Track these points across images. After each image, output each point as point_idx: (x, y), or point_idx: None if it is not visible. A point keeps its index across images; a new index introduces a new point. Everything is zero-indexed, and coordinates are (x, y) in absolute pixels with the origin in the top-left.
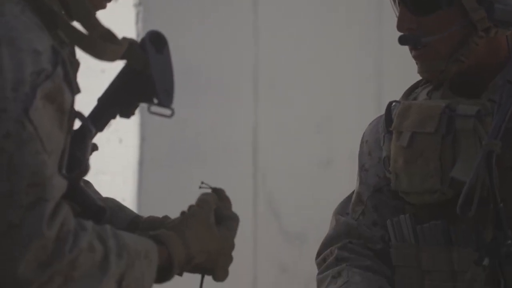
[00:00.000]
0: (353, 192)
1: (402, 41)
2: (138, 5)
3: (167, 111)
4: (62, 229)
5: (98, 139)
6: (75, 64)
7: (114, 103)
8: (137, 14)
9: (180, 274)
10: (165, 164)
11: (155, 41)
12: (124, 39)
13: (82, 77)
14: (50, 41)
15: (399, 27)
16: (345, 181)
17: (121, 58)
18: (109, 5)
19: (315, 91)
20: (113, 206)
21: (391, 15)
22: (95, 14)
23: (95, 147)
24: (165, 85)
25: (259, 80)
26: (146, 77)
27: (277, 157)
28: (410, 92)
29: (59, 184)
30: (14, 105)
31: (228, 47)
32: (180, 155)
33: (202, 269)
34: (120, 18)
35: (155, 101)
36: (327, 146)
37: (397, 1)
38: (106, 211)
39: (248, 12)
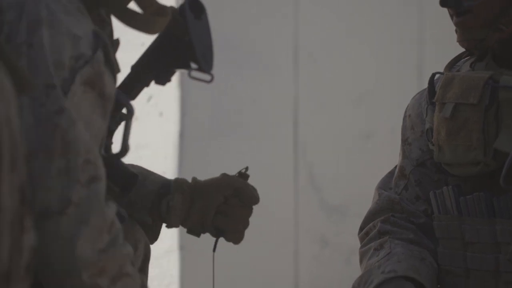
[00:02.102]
0: (395, 167)
1: (443, 3)
2: None
3: (207, 77)
4: (113, 225)
5: (138, 113)
6: (115, 44)
7: (149, 70)
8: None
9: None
10: (206, 137)
11: (193, 8)
12: (169, 8)
13: (122, 51)
14: (91, 25)
15: None
16: (385, 154)
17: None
18: None
19: (355, 63)
20: (141, 170)
21: None
22: None
23: (124, 116)
24: (205, 50)
25: (299, 51)
26: (184, 43)
27: (318, 129)
28: (453, 63)
29: (103, 168)
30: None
31: (268, 18)
32: (220, 128)
33: (216, 229)
34: None
35: (194, 66)
36: (368, 119)
37: None
38: (138, 177)
39: None
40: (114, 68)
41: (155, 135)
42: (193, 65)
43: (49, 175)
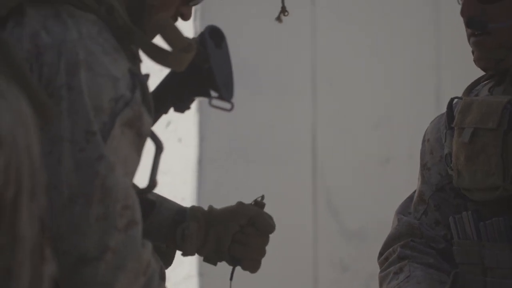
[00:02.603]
0: (414, 192)
1: (470, 24)
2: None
3: (227, 105)
4: (149, 266)
5: None
6: (146, 78)
7: (168, 97)
8: (195, 12)
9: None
10: (224, 163)
11: (214, 36)
12: (193, 40)
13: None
14: (127, 63)
15: (463, 12)
16: (404, 178)
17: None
18: None
19: (373, 88)
20: (157, 197)
21: (449, 9)
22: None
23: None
24: (225, 79)
25: (317, 76)
26: (205, 71)
27: (336, 154)
28: (472, 88)
29: (140, 211)
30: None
31: (286, 44)
32: (239, 153)
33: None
34: None
35: (214, 94)
36: (386, 143)
37: None
38: (156, 203)
39: (306, 8)
40: (151, 106)
41: (174, 160)
42: (214, 93)
43: (88, 220)
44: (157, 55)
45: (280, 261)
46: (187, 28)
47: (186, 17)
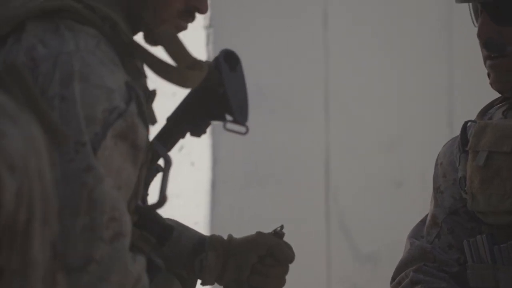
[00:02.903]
0: (427, 215)
1: (487, 46)
2: (208, 27)
3: (242, 128)
4: (139, 281)
5: None
6: (152, 96)
7: (184, 121)
8: (208, 36)
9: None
10: (238, 186)
11: (228, 60)
12: (204, 62)
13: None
14: (124, 76)
15: (480, 34)
16: (417, 202)
17: (202, 79)
18: None
19: (386, 110)
20: (177, 225)
21: (461, 31)
22: (182, 43)
23: (160, 168)
24: (240, 102)
25: (330, 99)
26: (220, 95)
27: (349, 177)
28: (485, 111)
29: (129, 221)
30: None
31: (298, 67)
32: (252, 176)
33: None
34: (191, 40)
35: (229, 118)
36: (399, 166)
37: (479, 9)
38: (174, 230)
39: (318, 32)
40: (147, 118)
41: (187, 184)
42: (228, 117)
43: (73, 231)
44: (160, 69)
45: (293, 284)
46: (200, 51)
47: (202, 10)
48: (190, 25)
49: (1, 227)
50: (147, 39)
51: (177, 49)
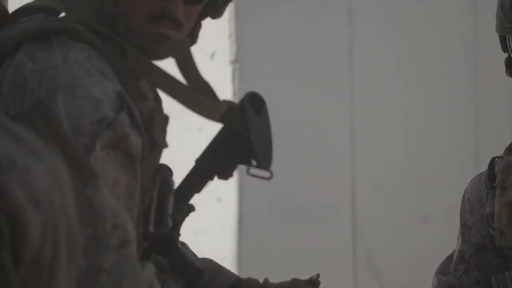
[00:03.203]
0: (454, 251)
1: None
2: (234, 62)
3: (266, 174)
4: (152, 286)
5: (196, 198)
6: (164, 120)
7: (212, 164)
8: (233, 71)
9: None
10: (264, 221)
11: (253, 103)
12: (224, 101)
13: (179, 134)
14: (116, 86)
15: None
16: (443, 237)
17: (220, 119)
18: (205, 61)
19: (412, 146)
20: (211, 267)
21: (487, 67)
22: (195, 62)
23: (192, 208)
24: (264, 147)
25: (356, 134)
26: (245, 139)
27: (375, 213)
28: None
29: (132, 228)
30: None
31: (324, 102)
32: (278, 212)
33: None
34: (217, 75)
35: (254, 163)
36: (426, 201)
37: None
38: (204, 273)
39: (343, 67)
40: (141, 129)
41: (214, 220)
42: (253, 161)
43: None
44: (169, 87)
45: None
46: (226, 86)
47: (172, 11)
48: (215, 60)
49: (26, 263)
50: (153, 53)
51: (186, 64)
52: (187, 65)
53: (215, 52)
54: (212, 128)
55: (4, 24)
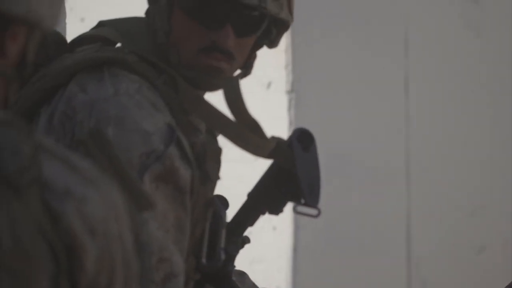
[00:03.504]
0: (510, 282)
1: None
2: (290, 92)
3: (313, 211)
4: None
5: (252, 227)
6: (217, 151)
7: (263, 199)
8: (290, 101)
9: None
10: (319, 251)
11: (302, 139)
12: (273, 138)
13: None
14: (167, 118)
15: None
16: (499, 268)
17: (269, 156)
18: (261, 91)
19: (468, 175)
20: None
21: None
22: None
23: (246, 240)
24: (312, 184)
25: (411, 165)
26: (293, 176)
27: (430, 244)
28: None
29: (181, 261)
30: None
31: (379, 132)
32: (333, 242)
33: None
34: (273, 105)
35: (302, 200)
36: (481, 231)
37: None
38: None
39: (399, 98)
40: (191, 162)
41: (269, 249)
42: (301, 199)
43: None
44: (217, 123)
45: None
46: (282, 116)
47: (224, 44)
48: (271, 89)
49: None
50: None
51: (235, 103)
52: (236, 101)
53: (271, 82)
54: (267, 159)
55: (62, 53)
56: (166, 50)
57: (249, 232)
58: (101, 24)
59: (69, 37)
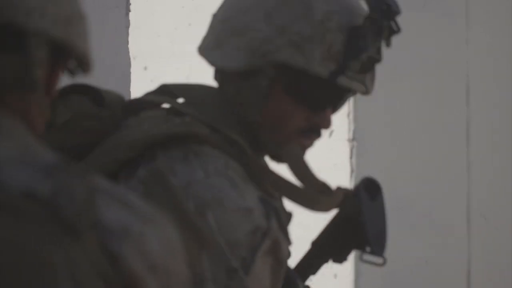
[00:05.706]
0: None
1: None
2: (352, 140)
3: (379, 260)
4: None
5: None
6: (289, 217)
7: (327, 248)
8: (351, 149)
9: None
10: None
11: (369, 188)
12: (339, 189)
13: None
14: (256, 192)
15: None
16: None
17: (336, 205)
18: (323, 140)
19: None
20: None
21: None
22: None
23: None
24: (378, 233)
25: (472, 212)
26: (359, 225)
27: None
28: None
29: None
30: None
31: (440, 179)
32: None
33: None
34: (335, 153)
35: (368, 249)
36: None
37: None
38: None
39: (461, 145)
40: (287, 231)
41: None
42: (367, 247)
43: None
44: (287, 191)
45: None
46: (344, 164)
47: (325, 126)
48: (333, 138)
49: None
50: (272, 156)
51: (301, 171)
52: (301, 168)
53: (333, 130)
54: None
55: (126, 116)
56: (256, 128)
57: (309, 279)
58: (164, 87)
59: (133, 85)
